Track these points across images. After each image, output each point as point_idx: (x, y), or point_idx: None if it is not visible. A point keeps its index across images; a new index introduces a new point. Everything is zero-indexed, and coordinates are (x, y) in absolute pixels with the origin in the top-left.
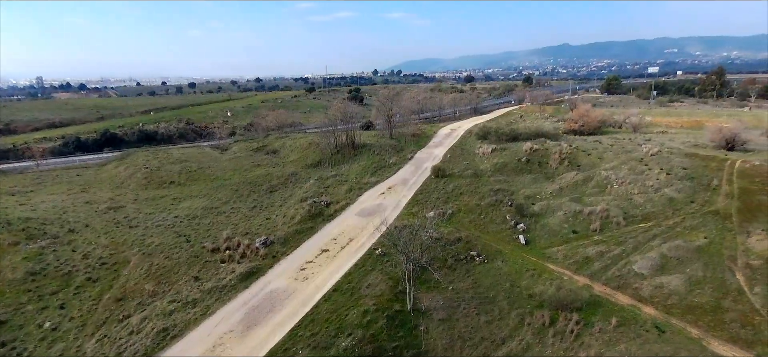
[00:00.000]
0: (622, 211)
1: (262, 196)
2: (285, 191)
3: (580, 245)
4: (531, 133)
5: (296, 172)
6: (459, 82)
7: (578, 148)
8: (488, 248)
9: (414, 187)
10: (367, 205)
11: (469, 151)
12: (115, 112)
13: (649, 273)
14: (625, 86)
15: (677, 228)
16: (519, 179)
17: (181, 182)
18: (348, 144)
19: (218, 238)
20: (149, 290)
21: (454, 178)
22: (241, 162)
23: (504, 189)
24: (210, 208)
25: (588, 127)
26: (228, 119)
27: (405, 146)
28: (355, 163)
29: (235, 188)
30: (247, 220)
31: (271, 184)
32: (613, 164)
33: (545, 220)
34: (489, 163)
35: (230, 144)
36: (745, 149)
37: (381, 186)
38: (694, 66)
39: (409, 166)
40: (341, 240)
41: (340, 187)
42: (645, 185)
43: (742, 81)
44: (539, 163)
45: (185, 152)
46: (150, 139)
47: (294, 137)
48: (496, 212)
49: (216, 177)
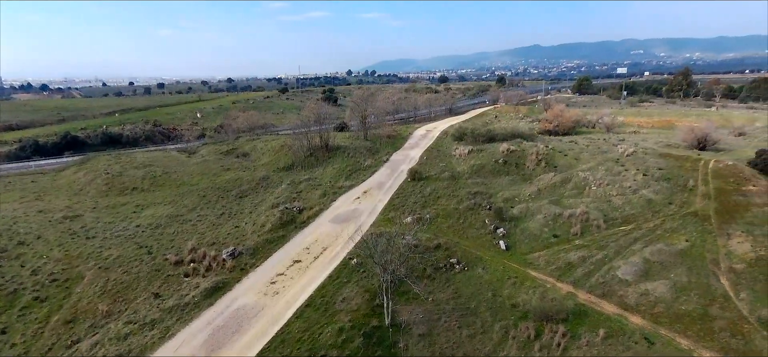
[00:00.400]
0: (602, 214)
1: (231, 203)
2: (256, 197)
3: (562, 250)
4: (507, 133)
5: (268, 176)
6: (433, 83)
7: (554, 149)
8: (468, 255)
9: (390, 191)
10: (341, 210)
11: (445, 152)
12: (78, 114)
13: (634, 279)
14: (595, 86)
15: (658, 231)
16: (497, 181)
17: (144, 188)
18: (322, 146)
19: (182, 249)
20: (103, 310)
21: (431, 180)
22: (209, 166)
23: (482, 192)
24: (175, 215)
25: (562, 128)
26: (197, 121)
27: (380, 148)
28: (329, 166)
29: (202, 194)
30: (215, 228)
31: (240, 189)
32: (589, 165)
33: (525, 224)
34: (466, 165)
35: (198, 147)
36: (716, 149)
37: (356, 190)
38: (660, 66)
39: (384, 169)
40: (314, 249)
41: (314, 192)
42: (623, 186)
43: (707, 81)
44: (516, 164)
45: (150, 156)
46: (114, 142)
47: (266, 139)
48: (475, 216)
49: (182, 182)
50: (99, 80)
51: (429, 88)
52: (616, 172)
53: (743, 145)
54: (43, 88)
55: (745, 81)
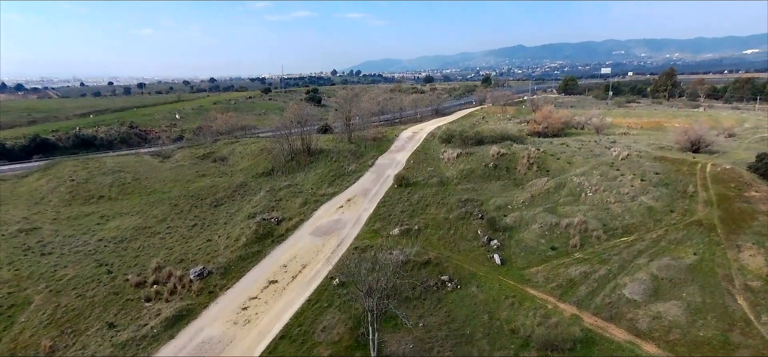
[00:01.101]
0: (601, 223)
1: (204, 212)
2: (231, 205)
3: (561, 264)
4: (496, 136)
5: (246, 182)
6: (418, 83)
7: (546, 152)
8: (461, 271)
9: (376, 198)
10: (323, 221)
11: (433, 156)
12: (50, 115)
13: (643, 299)
14: (580, 86)
15: (662, 242)
16: (487, 187)
17: (111, 197)
18: (303, 150)
19: (146, 267)
20: (46, 346)
21: (418, 187)
22: (183, 172)
23: (473, 199)
24: (142, 227)
25: (552, 129)
26: (176, 122)
27: (365, 151)
28: (311, 171)
29: (174, 203)
30: (185, 242)
31: (216, 197)
32: (583, 169)
33: (520, 235)
34: (455, 170)
35: (174, 151)
36: (710, 151)
37: (339, 198)
38: (641, 67)
39: (369, 174)
40: (293, 267)
41: (294, 200)
42: (620, 193)
43: (691, 82)
44: (507, 168)
45: (120, 161)
46: (87, 145)
47: (245, 142)
48: (467, 227)
49: (153, 190)
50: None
51: (414, 88)
52: (611, 177)
53: (735, 147)
54: (18, 88)
55: (726, 81)
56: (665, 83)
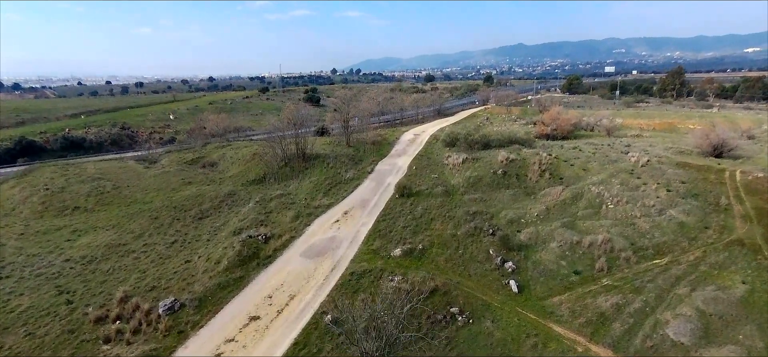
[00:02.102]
0: (629, 242)
1: (187, 226)
2: (217, 218)
3: (588, 293)
4: (503, 139)
5: (235, 191)
6: (419, 82)
7: (559, 157)
8: (473, 301)
9: (375, 210)
10: (316, 239)
11: (436, 161)
12: (40, 116)
13: (692, 341)
14: (584, 85)
15: (701, 266)
16: (497, 197)
17: (88, 208)
18: (298, 155)
19: (112, 296)
20: None
21: (422, 197)
22: (169, 179)
23: (482, 211)
24: (116, 245)
25: (561, 131)
26: (170, 123)
27: (364, 156)
28: (305, 178)
29: (154, 215)
30: (161, 263)
31: (201, 208)
32: (601, 177)
33: (538, 255)
34: (461, 177)
35: (161, 155)
36: (733, 156)
37: (335, 210)
38: (641, 65)
39: (369, 182)
40: (279, 298)
41: (285, 213)
42: (646, 205)
43: (701, 81)
44: (517, 175)
45: (103, 167)
46: (76, 147)
47: (237, 146)
48: (477, 245)
49: (134, 200)
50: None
51: (415, 87)
52: (633, 187)
53: (758, 151)
54: (15, 87)
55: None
56: (673, 82)
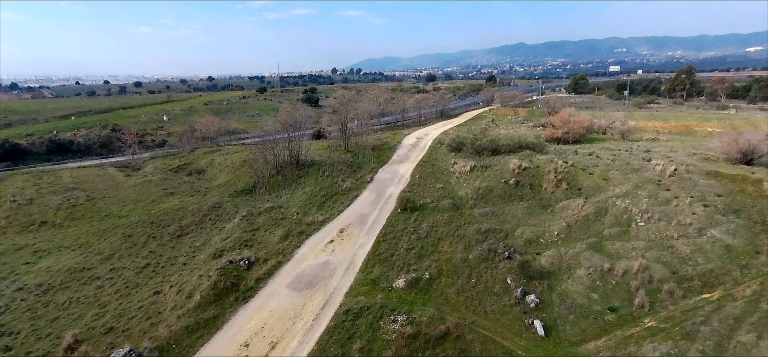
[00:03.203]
0: (669, 270)
1: (163, 245)
2: (198, 235)
3: (630, 338)
4: (513, 144)
5: (220, 203)
6: (420, 81)
7: (576, 165)
8: (491, 349)
9: (375, 228)
10: (307, 265)
11: (441, 168)
12: (28, 117)
13: None
14: (590, 85)
15: (762, 302)
16: (510, 210)
17: (56, 223)
18: (291, 162)
19: (60, 341)
20: None
21: (427, 211)
22: (149, 189)
23: (495, 229)
24: (80, 269)
25: (573, 135)
26: (163, 124)
27: (363, 162)
28: (298, 189)
29: (128, 232)
30: (126, 295)
31: (181, 223)
32: (624, 188)
33: (564, 286)
34: (469, 188)
35: (145, 161)
36: (763, 163)
37: (330, 228)
38: (643, 64)
39: (368, 194)
40: (258, 347)
41: (274, 231)
42: (682, 224)
43: (711, 80)
44: (531, 185)
45: (80, 175)
46: (63, 151)
47: (227, 151)
48: (492, 272)
49: (108, 214)
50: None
51: (416, 87)
52: (663, 200)
53: None
54: (12, 87)
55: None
56: (683, 82)
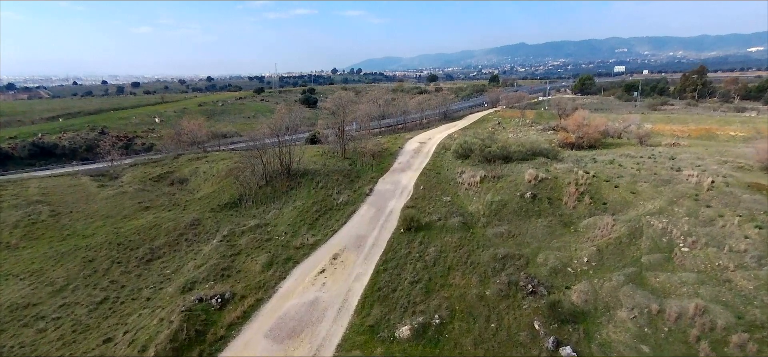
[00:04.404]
0: (734, 314)
1: (128, 273)
2: (170, 260)
3: None
4: (525, 150)
5: (200, 219)
6: (421, 82)
7: (598, 176)
8: None
9: (374, 253)
10: (292, 304)
11: (448, 178)
12: (13, 119)
13: None
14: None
15: None
16: (528, 230)
17: (11, 243)
18: (282, 171)
19: None
20: None
21: (433, 231)
22: (123, 202)
23: (513, 254)
24: (24, 306)
25: (588, 140)
26: (155, 127)
27: (361, 171)
28: (288, 202)
29: (90, 256)
30: (70, 343)
31: (153, 245)
32: (657, 204)
33: (605, 334)
34: (480, 202)
35: (124, 169)
36: None
37: (322, 252)
38: (645, 65)
39: (366, 209)
40: None
41: (257, 257)
42: (735, 251)
43: (724, 81)
44: (549, 199)
45: (48, 185)
46: (47, 155)
47: (214, 158)
48: (515, 313)
49: (72, 232)
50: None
51: (418, 88)
52: (706, 220)
53: None
54: (9, 87)
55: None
56: (695, 82)
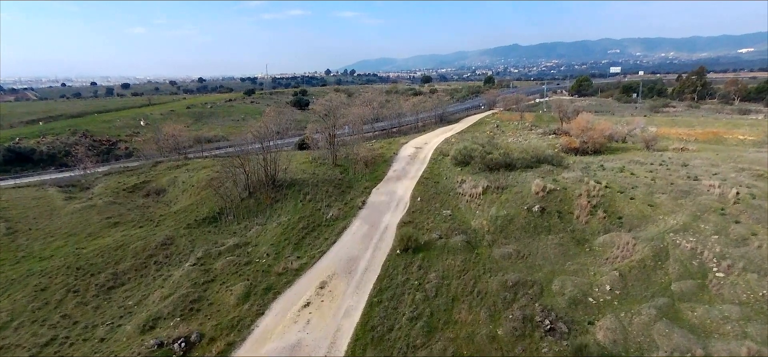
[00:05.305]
0: None
1: (85, 304)
2: (134, 289)
3: None
4: (529, 157)
5: (173, 238)
6: (415, 83)
7: (612, 187)
8: None
9: (367, 279)
10: (269, 350)
11: (447, 188)
12: None
13: None
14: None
15: None
16: (538, 248)
17: None
18: (267, 182)
19: None
20: None
21: (434, 252)
22: (90, 217)
23: (525, 281)
24: None
25: (593, 145)
26: (139, 130)
27: (353, 180)
28: (273, 217)
29: (44, 283)
30: None
31: (117, 269)
32: (680, 219)
33: None
34: (484, 217)
35: (97, 178)
36: None
37: (307, 279)
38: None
39: (358, 225)
40: None
41: (232, 286)
42: None
43: (725, 82)
44: (559, 213)
45: (10, 197)
46: (24, 161)
47: (195, 166)
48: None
49: (28, 253)
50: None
51: (412, 89)
52: (739, 239)
53: None
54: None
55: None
56: (694, 83)
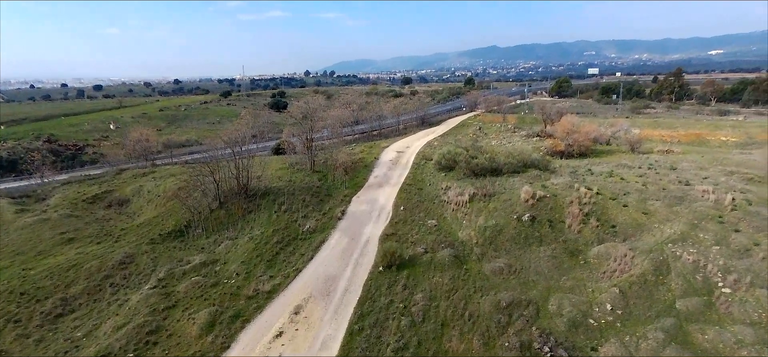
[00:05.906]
0: None
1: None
2: (84, 318)
3: None
4: (515, 162)
5: (133, 255)
6: (395, 84)
7: (604, 194)
8: None
9: (347, 302)
10: None
11: (432, 196)
12: None
13: None
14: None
15: None
16: (530, 261)
17: None
18: (239, 191)
19: None
20: None
21: (419, 269)
22: (42, 232)
23: (519, 300)
24: None
25: (578, 147)
26: (109, 134)
27: (332, 188)
28: (245, 231)
29: None
30: None
31: (67, 293)
32: (677, 228)
33: None
34: (471, 227)
35: (55, 187)
36: None
37: (280, 303)
38: (613, 67)
39: (338, 238)
40: None
41: (196, 314)
42: None
43: (702, 83)
44: (550, 222)
45: None
46: None
47: (162, 174)
48: None
49: None
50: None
51: (393, 90)
52: (741, 249)
53: None
54: None
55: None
56: (672, 84)
